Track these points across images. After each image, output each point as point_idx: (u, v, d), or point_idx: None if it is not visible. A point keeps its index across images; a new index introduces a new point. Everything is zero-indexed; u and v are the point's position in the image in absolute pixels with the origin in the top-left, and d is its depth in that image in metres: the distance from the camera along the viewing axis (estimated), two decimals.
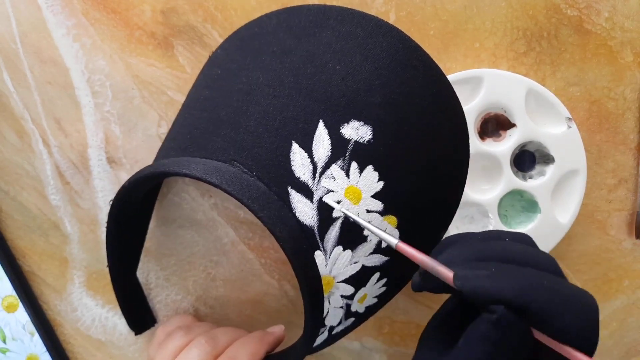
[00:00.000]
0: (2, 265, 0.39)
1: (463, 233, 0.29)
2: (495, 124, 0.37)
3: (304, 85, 0.29)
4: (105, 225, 0.34)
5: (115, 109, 0.38)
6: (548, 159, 0.37)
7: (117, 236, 0.35)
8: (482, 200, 0.37)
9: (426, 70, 0.30)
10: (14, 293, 0.40)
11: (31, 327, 0.40)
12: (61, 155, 0.39)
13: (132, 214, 0.36)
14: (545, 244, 0.38)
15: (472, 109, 0.36)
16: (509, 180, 0.37)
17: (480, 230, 0.38)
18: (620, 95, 0.38)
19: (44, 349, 0.41)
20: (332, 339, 0.33)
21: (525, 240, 0.27)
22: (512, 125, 0.37)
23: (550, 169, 0.37)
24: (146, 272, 0.40)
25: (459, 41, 0.37)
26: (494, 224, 0.37)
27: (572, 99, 0.38)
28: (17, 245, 0.40)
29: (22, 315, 0.40)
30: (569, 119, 0.37)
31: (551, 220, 0.38)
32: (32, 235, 0.40)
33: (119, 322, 0.41)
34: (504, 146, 0.37)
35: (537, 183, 0.37)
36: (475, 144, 0.37)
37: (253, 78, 0.30)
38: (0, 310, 0.40)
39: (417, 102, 0.30)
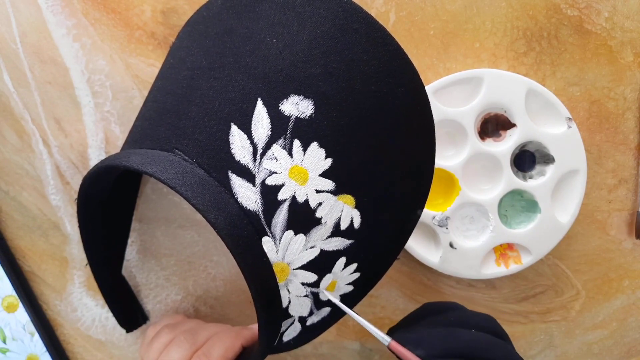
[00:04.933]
0: (2, 265, 0.39)
1: (432, 305, 0.31)
2: (496, 124, 0.37)
3: (243, 64, 0.27)
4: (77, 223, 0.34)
5: (115, 109, 0.38)
6: (548, 159, 0.37)
7: (92, 234, 0.35)
8: (482, 200, 0.37)
9: (369, 33, 0.28)
10: (14, 293, 0.40)
11: (31, 327, 0.40)
12: (61, 155, 0.39)
13: (102, 212, 0.35)
14: (546, 244, 0.38)
15: (473, 109, 0.36)
16: (509, 180, 0.37)
17: (481, 229, 0.38)
18: (620, 95, 0.38)
19: (44, 349, 0.41)
20: (311, 330, 0.31)
21: (489, 326, 0.29)
22: (512, 125, 0.37)
23: (550, 169, 0.37)
24: (146, 272, 0.40)
25: (459, 41, 0.37)
26: (494, 224, 0.37)
27: (572, 99, 0.38)
28: (17, 245, 0.40)
29: (22, 315, 0.40)
30: (569, 119, 0.37)
31: (551, 220, 0.37)
32: (32, 235, 0.40)
33: None
34: (504, 146, 0.37)
35: (537, 183, 0.37)
36: (476, 144, 0.37)
37: (197, 63, 0.29)
38: (0, 310, 0.40)
39: (362, 68, 0.28)
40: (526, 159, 0.38)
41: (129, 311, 0.40)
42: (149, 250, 0.40)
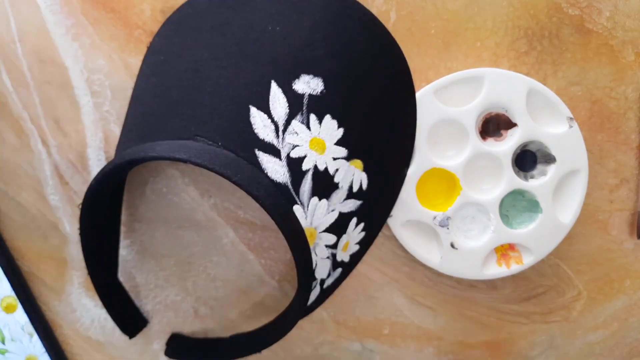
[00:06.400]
0: (0, 265, 0.39)
1: None
2: (497, 124, 0.37)
3: (249, 52, 0.30)
4: (79, 230, 0.33)
5: (115, 108, 0.38)
6: (549, 159, 0.37)
7: (93, 240, 0.35)
8: (483, 201, 0.37)
9: (360, 17, 0.32)
10: (12, 294, 0.39)
11: (30, 328, 0.40)
12: (60, 155, 0.39)
13: (104, 215, 0.35)
14: (547, 244, 0.38)
15: (474, 108, 0.36)
16: (510, 180, 0.37)
17: (482, 229, 0.38)
18: (622, 94, 0.38)
19: (43, 349, 0.40)
20: (324, 294, 0.33)
21: None
22: (514, 124, 0.37)
23: (551, 169, 0.37)
24: (146, 272, 0.40)
25: (460, 40, 0.37)
26: (496, 224, 0.37)
27: (574, 98, 0.38)
28: (16, 245, 0.40)
29: (21, 316, 0.40)
30: (571, 118, 0.37)
31: (553, 220, 0.37)
32: (31, 235, 0.40)
33: None
34: (505, 146, 0.37)
35: (538, 183, 0.37)
36: (477, 143, 0.37)
37: (197, 55, 0.31)
38: None
39: (357, 47, 0.32)
40: (527, 159, 0.38)
41: (129, 317, 0.40)
42: (148, 251, 0.40)
